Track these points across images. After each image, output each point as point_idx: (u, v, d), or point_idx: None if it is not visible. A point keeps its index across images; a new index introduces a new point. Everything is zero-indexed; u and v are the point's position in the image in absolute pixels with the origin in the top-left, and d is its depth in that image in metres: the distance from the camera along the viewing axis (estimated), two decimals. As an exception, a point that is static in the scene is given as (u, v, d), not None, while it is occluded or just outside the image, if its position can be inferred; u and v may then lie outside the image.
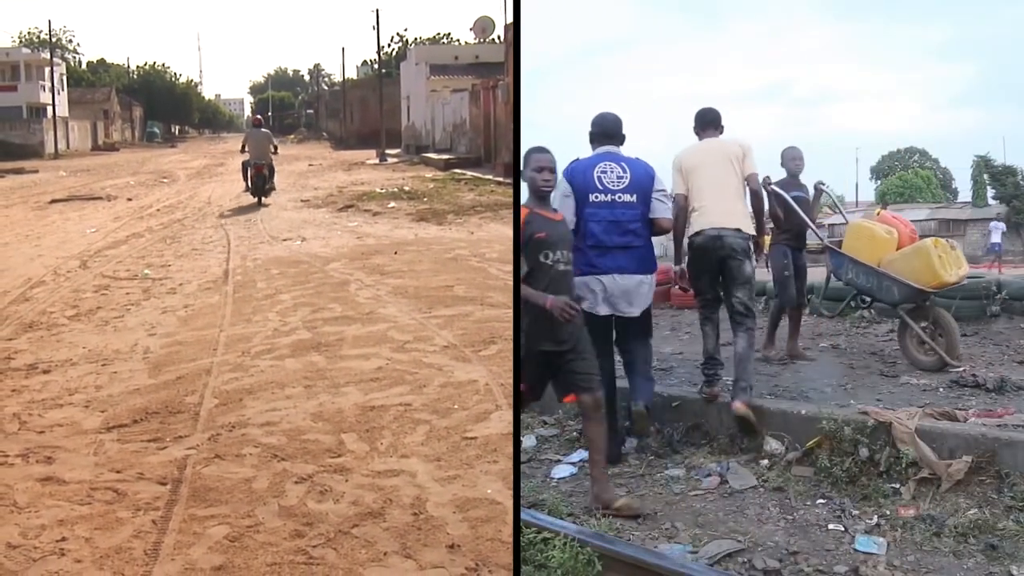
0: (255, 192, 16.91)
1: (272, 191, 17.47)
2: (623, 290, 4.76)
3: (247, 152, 17.37)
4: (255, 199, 16.83)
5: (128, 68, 69.18)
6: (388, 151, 32.21)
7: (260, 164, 17.01)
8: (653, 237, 5.01)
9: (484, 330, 6.36)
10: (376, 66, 43.75)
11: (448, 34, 55.03)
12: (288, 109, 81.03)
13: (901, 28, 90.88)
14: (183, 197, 19.26)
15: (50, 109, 45.89)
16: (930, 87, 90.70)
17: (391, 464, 4.03)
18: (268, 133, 18.39)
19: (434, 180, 21.32)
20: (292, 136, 59.25)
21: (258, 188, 16.88)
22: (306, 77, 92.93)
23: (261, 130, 18.19)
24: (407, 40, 52.04)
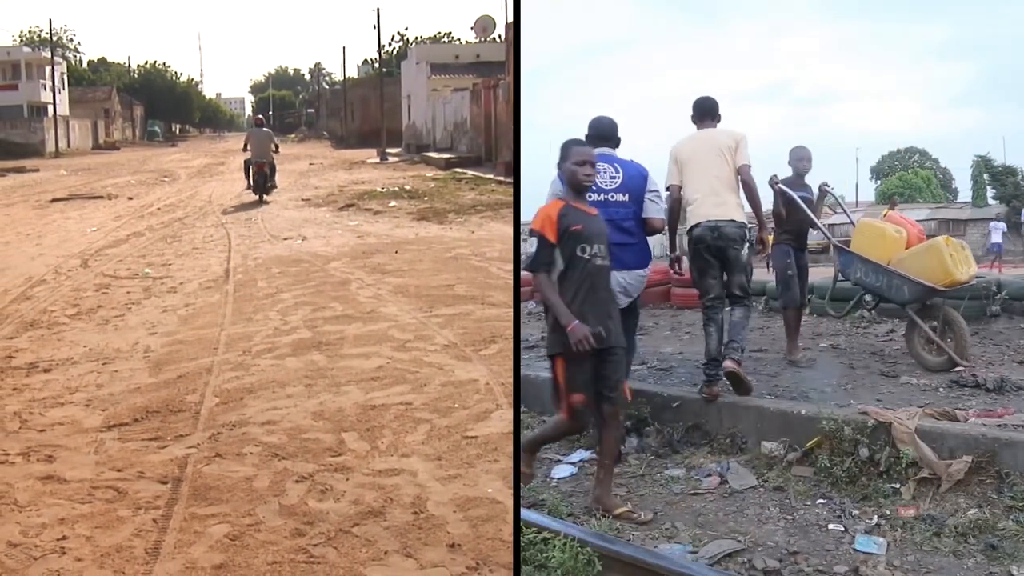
0: (257, 190, 17.38)
1: (273, 189, 17.92)
2: (615, 282, 4.83)
3: (249, 151, 17.85)
4: (257, 196, 17.24)
5: (129, 67, 69.25)
6: (389, 150, 32.23)
7: (262, 162, 17.48)
8: (649, 237, 5.23)
9: (485, 329, 6.37)
10: (377, 65, 43.77)
11: (449, 33, 55.16)
12: (289, 108, 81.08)
13: (901, 28, 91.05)
14: (184, 196, 19.27)
15: (51, 108, 45.87)
16: (930, 87, 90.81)
17: (392, 463, 4.03)
18: (270, 132, 18.79)
19: (435, 179, 21.31)
20: (293, 135, 59.26)
21: (259, 186, 17.38)
22: (307, 76, 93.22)
23: (263, 129, 18.62)
24: (408, 39, 52.06)
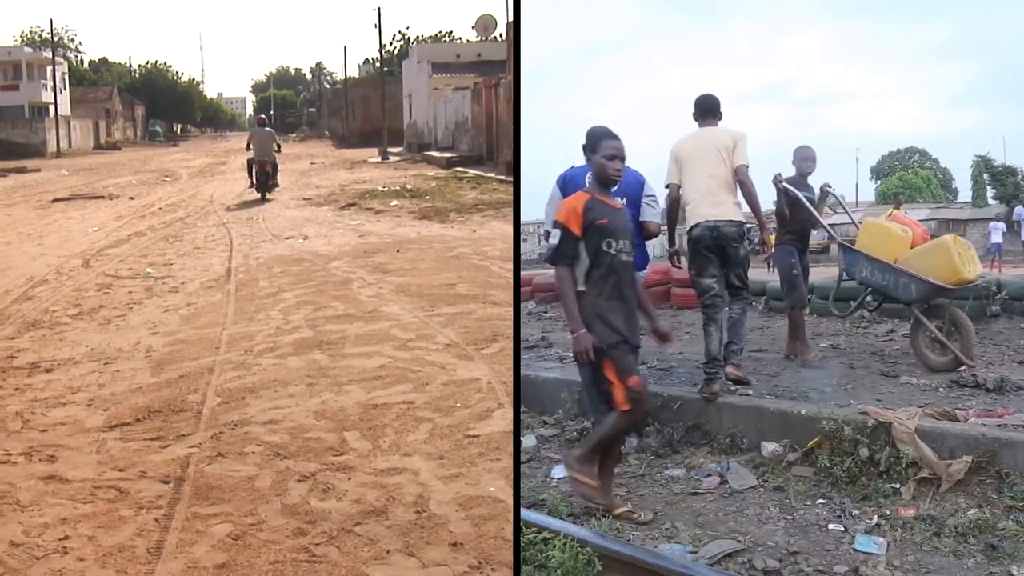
0: (259, 188, 17.78)
1: (275, 187, 18.28)
2: None
3: (252, 150, 18.19)
4: (259, 195, 17.61)
5: (130, 67, 69.29)
6: (390, 149, 32.26)
7: (264, 161, 17.81)
8: (647, 241, 5.39)
9: (486, 328, 6.38)
10: (378, 64, 43.74)
11: (450, 32, 55.25)
12: (290, 108, 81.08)
13: (901, 28, 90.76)
14: (185, 196, 19.30)
15: (52, 108, 45.83)
16: (930, 87, 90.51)
17: (393, 462, 4.04)
18: (272, 132, 18.97)
19: (436, 178, 21.33)
20: (294, 135, 59.26)
21: (262, 184, 17.79)
22: (308, 75, 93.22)
23: (265, 129, 18.81)
24: (409, 38, 52.14)
